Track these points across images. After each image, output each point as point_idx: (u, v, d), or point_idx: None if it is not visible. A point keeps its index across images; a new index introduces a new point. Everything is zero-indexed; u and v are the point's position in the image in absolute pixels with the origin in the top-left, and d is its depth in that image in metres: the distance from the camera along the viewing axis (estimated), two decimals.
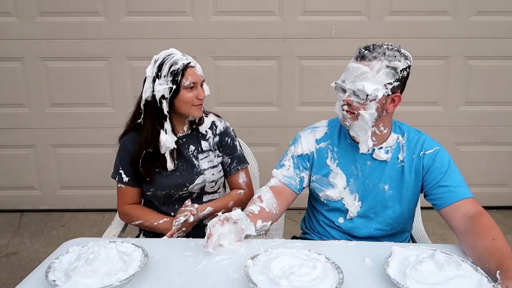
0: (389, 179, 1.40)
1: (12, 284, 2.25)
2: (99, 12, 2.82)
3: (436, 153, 1.37)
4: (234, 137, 1.67)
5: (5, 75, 2.91)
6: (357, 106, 1.29)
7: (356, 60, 1.29)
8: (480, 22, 2.83)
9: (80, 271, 1.03)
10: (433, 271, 1.02)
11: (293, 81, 2.93)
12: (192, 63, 1.50)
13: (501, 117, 3.00)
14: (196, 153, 1.60)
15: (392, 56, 1.27)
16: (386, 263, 1.09)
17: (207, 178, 1.60)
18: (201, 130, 1.61)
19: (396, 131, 1.42)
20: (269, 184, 1.47)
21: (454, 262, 1.07)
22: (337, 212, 1.47)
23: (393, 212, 1.43)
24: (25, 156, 3.06)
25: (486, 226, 1.20)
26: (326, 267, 1.08)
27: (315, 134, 1.50)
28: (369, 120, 1.30)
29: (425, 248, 1.14)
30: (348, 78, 1.29)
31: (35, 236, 2.85)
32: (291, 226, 2.55)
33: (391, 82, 1.28)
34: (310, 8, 2.81)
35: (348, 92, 1.29)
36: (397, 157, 1.40)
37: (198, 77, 1.51)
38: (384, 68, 1.26)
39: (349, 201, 1.44)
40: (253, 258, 1.12)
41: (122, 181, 1.58)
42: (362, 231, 1.45)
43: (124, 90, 2.94)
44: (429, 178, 1.36)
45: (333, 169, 1.45)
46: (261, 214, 1.37)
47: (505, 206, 3.15)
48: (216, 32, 2.84)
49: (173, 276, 1.12)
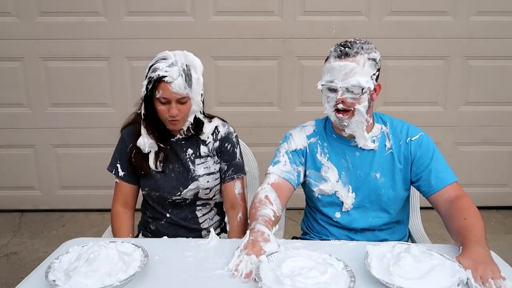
0: (380, 167, 1.44)
1: (12, 284, 2.24)
2: (99, 12, 2.82)
3: (422, 139, 1.43)
4: (235, 144, 1.60)
5: (5, 75, 2.91)
6: (352, 102, 1.33)
7: (340, 58, 1.32)
8: (480, 22, 2.83)
9: (80, 271, 1.03)
10: (413, 265, 1.06)
11: (293, 81, 2.94)
12: (167, 79, 1.35)
13: (501, 117, 3.00)
14: (194, 157, 1.55)
15: (369, 49, 1.34)
16: (367, 265, 1.10)
17: (201, 185, 1.54)
18: (202, 138, 1.56)
19: (379, 122, 1.48)
20: (269, 181, 1.45)
21: (426, 253, 1.11)
22: (332, 206, 1.49)
23: (388, 199, 1.46)
24: (25, 156, 3.06)
25: (461, 208, 1.29)
26: (340, 273, 1.05)
27: (305, 131, 1.54)
28: (364, 112, 1.35)
29: (394, 243, 1.19)
30: (337, 76, 1.31)
31: (35, 236, 2.85)
32: (291, 226, 2.55)
33: (374, 73, 1.35)
34: (310, 8, 2.82)
35: (340, 90, 1.32)
36: (385, 144, 1.45)
37: (172, 94, 1.37)
38: (367, 61, 1.32)
39: (343, 193, 1.46)
40: (269, 255, 1.12)
41: (118, 175, 1.55)
42: (360, 222, 1.47)
43: (124, 90, 2.94)
44: (417, 163, 1.42)
45: (324, 163, 1.48)
46: (275, 219, 1.34)
47: (505, 206, 3.14)
48: (216, 32, 2.84)
49: (173, 276, 1.12)
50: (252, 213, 1.35)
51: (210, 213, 1.64)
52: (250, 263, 1.10)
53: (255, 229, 1.23)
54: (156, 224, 1.62)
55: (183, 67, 1.38)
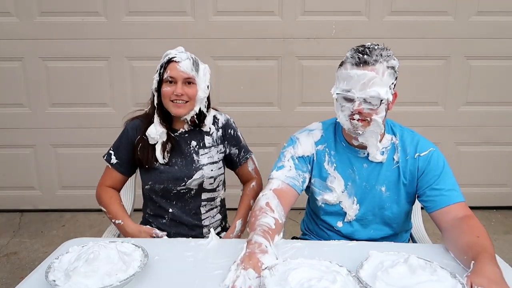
0: (385, 181, 1.40)
1: (12, 284, 2.25)
2: (99, 12, 2.82)
3: (431, 155, 1.37)
4: (236, 128, 1.68)
5: (5, 75, 2.91)
6: (369, 112, 1.27)
7: (358, 66, 1.24)
8: (480, 22, 2.84)
9: (80, 271, 1.03)
10: (405, 274, 1.02)
11: (293, 81, 2.94)
12: (176, 58, 1.47)
13: (501, 117, 3.00)
14: (198, 148, 1.59)
15: (388, 56, 1.27)
16: (360, 266, 1.08)
17: (206, 173, 1.58)
18: (204, 129, 1.60)
19: (389, 132, 1.42)
20: (271, 186, 1.39)
21: (431, 268, 1.05)
22: (335, 215, 1.46)
23: (391, 213, 1.42)
24: (25, 156, 3.07)
25: (473, 226, 1.22)
26: (347, 280, 1.02)
27: (312, 136, 1.47)
28: (380, 123, 1.29)
29: (404, 254, 1.12)
30: (355, 86, 1.24)
31: (35, 236, 2.85)
32: (291, 226, 2.55)
33: (393, 82, 1.29)
34: (310, 8, 2.82)
35: (358, 101, 1.25)
36: (393, 158, 1.40)
37: (179, 72, 1.47)
38: (386, 70, 1.25)
39: (347, 204, 1.43)
40: (270, 268, 1.06)
41: (109, 161, 1.59)
42: (362, 233, 1.45)
43: (124, 90, 2.94)
44: (423, 180, 1.36)
45: (331, 173, 1.43)
46: (277, 228, 1.28)
47: (505, 206, 3.14)
48: (216, 32, 2.84)
49: (173, 276, 1.12)
50: (251, 223, 1.29)
51: (213, 211, 1.66)
52: (248, 278, 1.03)
53: (252, 241, 1.17)
54: (157, 223, 1.62)
55: (192, 56, 1.52)
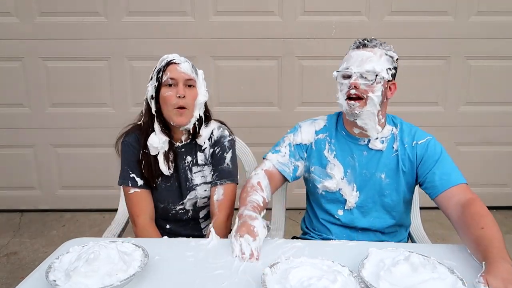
0: (385, 168, 1.44)
1: (12, 284, 2.25)
2: (99, 12, 2.82)
3: (428, 142, 1.42)
4: (226, 149, 1.53)
5: (5, 75, 2.91)
6: (365, 89, 1.34)
7: (358, 49, 1.37)
8: (480, 22, 2.83)
9: (80, 271, 1.03)
10: (408, 273, 1.01)
11: (293, 81, 2.94)
12: (175, 60, 1.42)
13: (501, 117, 3.00)
14: (191, 165, 1.52)
15: (387, 46, 1.40)
16: (361, 265, 1.08)
17: (199, 194, 1.53)
18: (199, 142, 1.52)
19: (391, 123, 1.48)
20: (264, 167, 1.50)
21: (430, 264, 1.05)
22: (335, 203, 1.49)
23: (391, 200, 1.45)
24: (25, 156, 3.06)
25: (477, 215, 1.21)
26: (348, 280, 1.01)
27: (315, 125, 1.54)
28: (377, 103, 1.35)
29: (402, 250, 1.13)
30: (353, 64, 1.35)
31: (35, 236, 2.85)
32: (291, 226, 2.55)
33: (390, 68, 1.38)
34: (310, 8, 2.82)
35: (355, 75, 1.34)
36: (392, 146, 1.45)
37: (179, 73, 1.41)
38: (384, 55, 1.37)
39: (347, 191, 1.46)
40: (272, 266, 1.07)
41: (136, 185, 1.46)
42: (362, 221, 1.47)
43: (124, 90, 2.93)
44: (423, 167, 1.40)
45: (331, 160, 1.48)
46: (264, 205, 1.41)
47: (505, 206, 3.15)
48: (216, 32, 2.84)
49: (173, 276, 1.12)
50: (243, 198, 1.41)
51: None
52: (248, 243, 1.17)
53: (243, 214, 1.29)
54: None
55: (188, 60, 1.48)
